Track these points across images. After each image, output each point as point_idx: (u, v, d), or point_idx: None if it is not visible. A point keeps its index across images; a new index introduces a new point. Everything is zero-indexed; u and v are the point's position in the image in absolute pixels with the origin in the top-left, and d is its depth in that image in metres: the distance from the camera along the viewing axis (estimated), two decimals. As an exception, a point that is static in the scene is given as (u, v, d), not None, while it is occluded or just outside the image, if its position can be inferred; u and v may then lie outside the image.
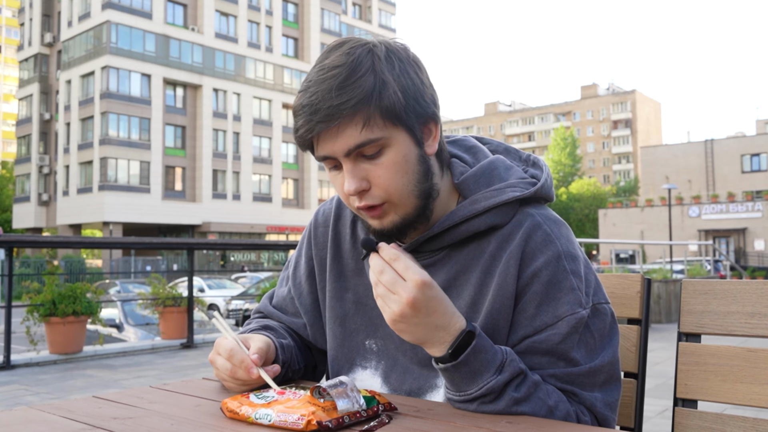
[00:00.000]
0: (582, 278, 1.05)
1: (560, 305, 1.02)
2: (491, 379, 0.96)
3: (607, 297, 1.09)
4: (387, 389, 1.14)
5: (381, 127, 1.00)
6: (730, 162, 46.32)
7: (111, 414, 0.99)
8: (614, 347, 1.06)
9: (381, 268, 0.96)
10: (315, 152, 1.04)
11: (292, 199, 49.06)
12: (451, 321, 0.97)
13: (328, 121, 0.97)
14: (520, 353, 1.03)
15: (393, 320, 0.96)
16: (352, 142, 0.99)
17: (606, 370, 1.04)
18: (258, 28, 47.13)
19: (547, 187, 1.14)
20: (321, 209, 1.31)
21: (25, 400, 5.15)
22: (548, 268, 1.04)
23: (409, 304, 0.93)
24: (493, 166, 1.14)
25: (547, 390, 0.99)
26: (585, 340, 1.03)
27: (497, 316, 1.05)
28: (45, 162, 46.83)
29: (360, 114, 0.98)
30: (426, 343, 0.98)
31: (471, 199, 1.10)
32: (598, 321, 1.05)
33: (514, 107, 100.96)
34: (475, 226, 1.08)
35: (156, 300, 8.40)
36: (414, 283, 0.94)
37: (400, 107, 1.00)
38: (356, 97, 0.97)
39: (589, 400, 1.02)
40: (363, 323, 1.18)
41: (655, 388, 5.39)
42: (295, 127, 1.03)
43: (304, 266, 1.29)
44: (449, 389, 1.00)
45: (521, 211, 1.10)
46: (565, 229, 1.10)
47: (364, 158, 1.02)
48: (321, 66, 1.01)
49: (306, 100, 1.00)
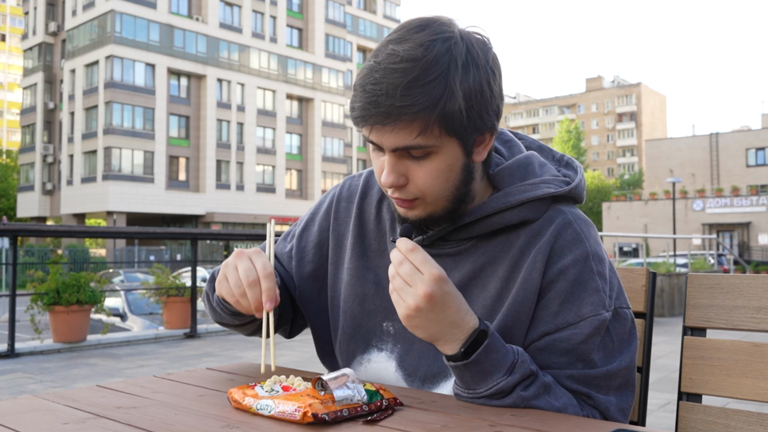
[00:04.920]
0: (607, 281, 1.05)
1: (584, 305, 1.02)
2: (501, 379, 0.95)
3: (629, 302, 1.08)
4: (401, 373, 1.13)
5: (436, 136, 0.97)
6: (735, 156, 46.15)
7: (115, 403, 1.00)
8: (632, 352, 1.05)
9: (400, 260, 0.96)
10: (362, 131, 1.02)
11: (296, 190, 49.07)
12: (465, 318, 0.96)
13: (386, 118, 0.95)
14: (539, 349, 1.02)
15: (408, 315, 0.95)
16: (402, 143, 0.97)
17: (622, 374, 1.03)
18: (262, 18, 46.99)
19: (580, 188, 1.13)
20: (347, 183, 1.28)
21: (29, 388, 5.17)
22: (575, 267, 1.03)
23: (427, 297, 0.92)
24: (528, 161, 1.14)
25: (556, 393, 0.99)
26: (605, 343, 1.02)
27: (519, 309, 1.04)
28: (49, 151, 46.89)
29: (418, 121, 0.95)
30: (439, 340, 0.97)
31: (505, 192, 1.08)
32: (619, 325, 1.04)
33: (518, 99, 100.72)
34: (507, 218, 1.07)
35: (160, 290, 8.42)
36: (431, 276, 0.93)
37: (460, 121, 0.97)
38: (420, 105, 0.94)
39: (604, 404, 1.01)
40: (382, 305, 1.17)
41: (658, 382, 5.40)
42: (352, 103, 1.01)
43: (315, 234, 1.27)
44: (458, 385, 1.00)
45: (553, 207, 1.09)
46: (594, 230, 1.10)
47: (409, 156, 1.00)
48: (394, 51, 0.96)
49: (369, 86, 0.95)
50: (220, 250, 39.29)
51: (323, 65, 50.09)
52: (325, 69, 50.22)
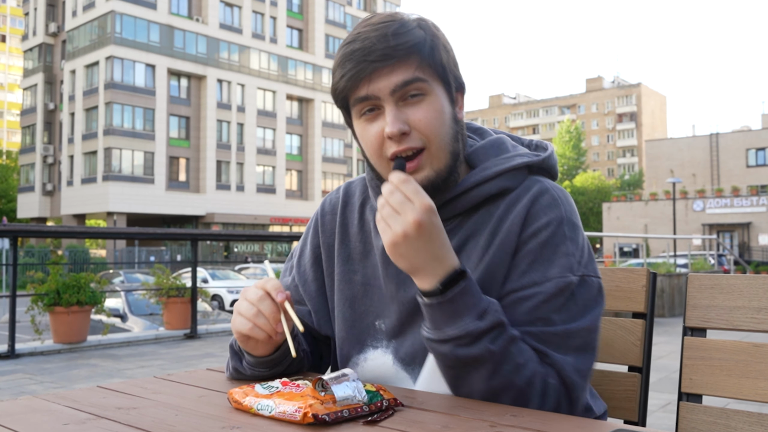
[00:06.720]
0: (579, 247, 1.07)
1: (552, 267, 1.04)
2: (471, 323, 0.97)
3: (599, 273, 1.10)
4: (400, 364, 1.14)
5: (429, 74, 1.05)
6: (735, 156, 46.13)
7: (115, 404, 1.00)
8: (594, 317, 1.06)
9: (391, 190, 0.98)
10: (353, 97, 1.06)
11: (296, 191, 49.07)
12: (448, 255, 0.99)
13: (384, 60, 1.02)
14: (504, 306, 1.04)
15: (394, 242, 0.96)
16: (403, 78, 1.03)
17: (582, 335, 1.04)
18: (262, 19, 47.01)
19: (553, 160, 1.18)
20: (327, 199, 1.32)
21: (29, 389, 5.17)
22: (548, 229, 1.06)
23: (416, 224, 0.95)
24: (501, 141, 1.19)
25: (521, 348, 1.00)
26: (568, 306, 1.04)
27: (495, 269, 1.06)
28: (49, 152, 46.91)
29: (413, 57, 1.04)
30: (419, 272, 0.98)
31: (481, 167, 1.13)
32: (585, 291, 1.05)
33: (518, 100, 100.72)
34: (486, 190, 1.10)
35: (160, 290, 8.42)
36: (422, 205, 0.96)
37: (446, 62, 1.08)
38: (411, 41, 1.03)
39: (559, 363, 1.01)
40: (372, 304, 1.18)
41: (658, 382, 5.40)
42: (341, 73, 1.05)
43: (309, 254, 1.29)
44: (427, 328, 1.02)
45: (530, 178, 1.13)
46: (571, 200, 1.13)
47: (405, 103, 1.05)
48: (367, 22, 1.06)
49: (357, 46, 1.03)
50: (220, 251, 39.33)
51: (323, 66, 50.09)
52: (326, 69, 50.22)
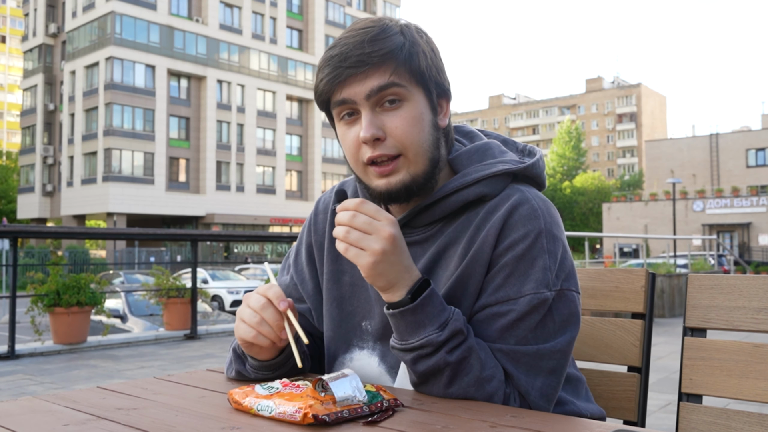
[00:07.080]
0: (557, 261, 1.04)
1: (527, 282, 1.02)
2: (432, 333, 0.98)
3: (579, 288, 1.08)
4: (384, 367, 1.14)
5: (406, 80, 1.05)
6: (735, 156, 46.11)
7: (115, 405, 1.00)
8: (569, 337, 1.04)
9: (352, 213, 0.97)
10: (332, 101, 1.06)
11: (296, 191, 49.06)
12: (413, 265, 1.01)
13: (357, 66, 1.02)
14: (478, 321, 1.04)
15: (374, 261, 0.96)
16: (377, 84, 1.03)
17: (555, 357, 1.02)
18: (262, 20, 47.00)
19: (538, 167, 1.14)
20: (321, 198, 1.32)
21: (29, 389, 5.17)
22: (525, 242, 1.03)
23: (391, 238, 0.96)
24: (487, 146, 1.17)
25: (484, 362, 0.99)
26: (544, 322, 1.02)
27: (467, 281, 1.05)
28: (49, 152, 46.89)
29: (388, 63, 1.03)
30: (394, 286, 0.99)
31: (462, 173, 1.12)
32: (562, 306, 1.03)
33: (518, 100, 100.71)
34: (465, 196, 1.09)
35: (160, 291, 8.42)
36: (389, 220, 0.97)
37: (424, 68, 1.06)
38: (387, 48, 1.03)
39: (525, 387, 1.01)
40: (359, 305, 1.19)
41: (658, 383, 5.39)
42: (320, 78, 1.06)
43: (304, 253, 1.29)
44: (394, 338, 1.03)
45: (511, 186, 1.10)
46: (554, 210, 1.10)
47: (382, 109, 1.04)
48: (351, 28, 1.07)
49: (336, 51, 1.05)
50: (220, 252, 39.31)
51: (323, 66, 50.02)
52: (325, 70, 50.14)
